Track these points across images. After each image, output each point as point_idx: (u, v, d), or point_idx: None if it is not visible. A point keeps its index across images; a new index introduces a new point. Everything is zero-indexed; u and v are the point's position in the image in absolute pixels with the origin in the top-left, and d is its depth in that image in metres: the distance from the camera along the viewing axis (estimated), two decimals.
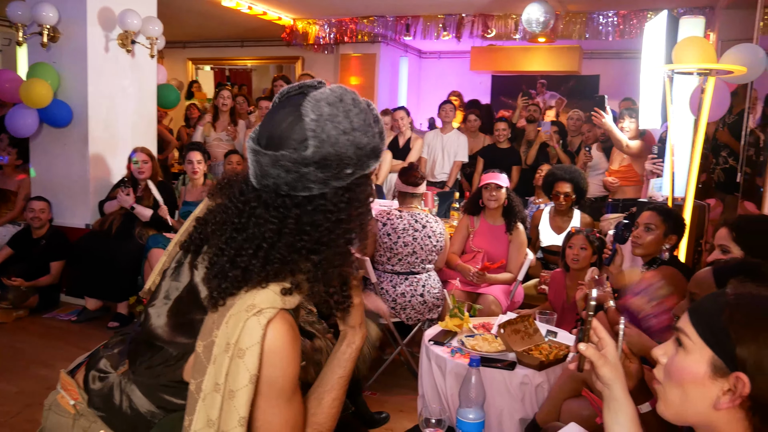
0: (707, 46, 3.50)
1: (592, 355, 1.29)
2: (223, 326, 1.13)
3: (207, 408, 1.12)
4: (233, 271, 1.16)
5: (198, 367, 1.16)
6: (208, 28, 8.74)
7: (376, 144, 1.17)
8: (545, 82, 8.96)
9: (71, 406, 1.33)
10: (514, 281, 3.86)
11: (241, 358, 1.11)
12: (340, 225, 1.19)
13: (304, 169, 1.12)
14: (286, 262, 1.17)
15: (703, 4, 6.34)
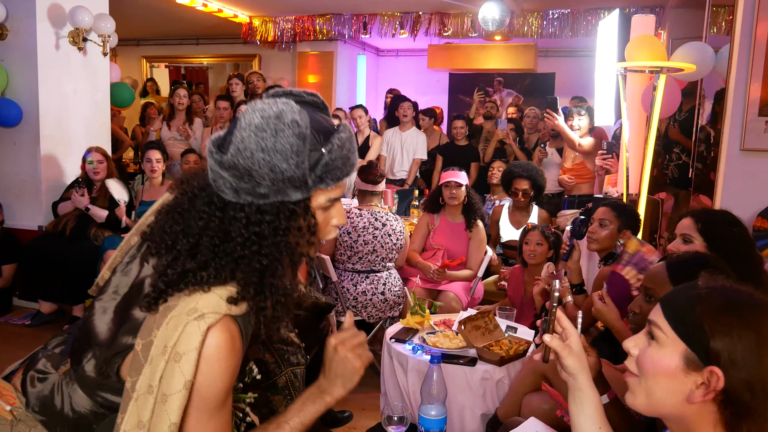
0: (658, 44, 3.59)
1: (557, 346, 1.29)
2: (163, 327, 1.10)
3: (139, 409, 1.09)
4: (170, 268, 1.14)
5: (135, 365, 1.12)
6: (163, 25, 8.58)
7: (296, 175, 1.12)
8: (502, 80, 9.07)
9: (7, 411, 1.25)
10: (474, 278, 3.90)
11: (177, 363, 1.08)
12: (258, 246, 1.14)
13: (221, 172, 1.12)
14: (219, 265, 1.13)
15: (653, 3, 6.50)
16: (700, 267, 1.68)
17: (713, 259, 1.72)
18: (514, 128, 6.48)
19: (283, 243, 1.16)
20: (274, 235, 1.15)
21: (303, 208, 1.17)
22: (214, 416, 1.15)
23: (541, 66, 9.02)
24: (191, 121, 5.99)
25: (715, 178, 3.27)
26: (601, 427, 1.30)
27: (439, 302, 3.45)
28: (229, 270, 1.14)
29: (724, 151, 3.17)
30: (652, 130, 3.53)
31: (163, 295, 1.14)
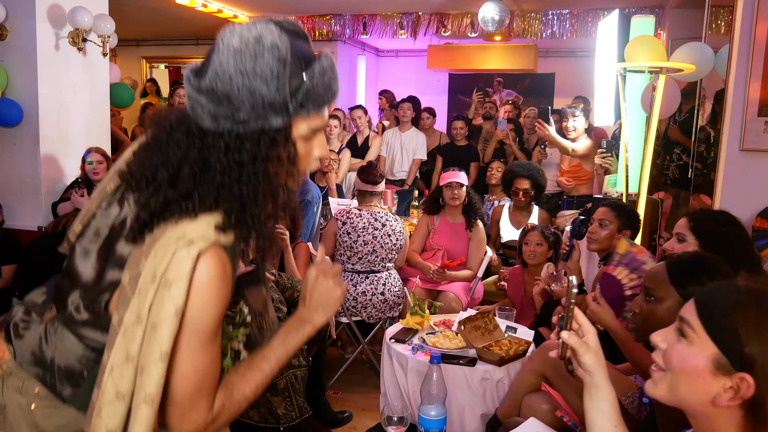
0: (658, 44, 3.59)
1: (574, 342, 1.27)
2: (151, 256, 1.07)
3: (127, 342, 1.06)
4: (152, 198, 1.11)
5: (122, 299, 1.09)
6: (162, 26, 8.58)
7: (277, 100, 1.09)
8: (502, 81, 9.07)
9: None
10: (474, 278, 3.90)
11: (168, 290, 1.05)
12: (238, 173, 1.11)
13: (199, 98, 1.10)
14: (201, 194, 1.10)
15: (653, 3, 6.50)
16: (700, 267, 1.68)
17: (713, 260, 1.72)
18: (514, 128, 6.49)
19: (263, 172, 1.13)
20: (253, 163, 1.12)
21: (284, 136, 1.14)
22: (205, 348, 1.12)
23: (541, 66, 9.02)
24: None
25: (715, 178, 3.27)
26: (617, 425, 1.28)
27: (439, 302, 3.45)
28: (212, 198, 1.10)
29: (723, 151, 3.17)
30: (652, 131, 3.53)
31: (148, 225, 1.11)
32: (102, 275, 1.18)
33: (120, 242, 1.17)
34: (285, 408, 2.40)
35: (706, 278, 1.64)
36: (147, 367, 1.05)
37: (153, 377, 1.05)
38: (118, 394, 1.06)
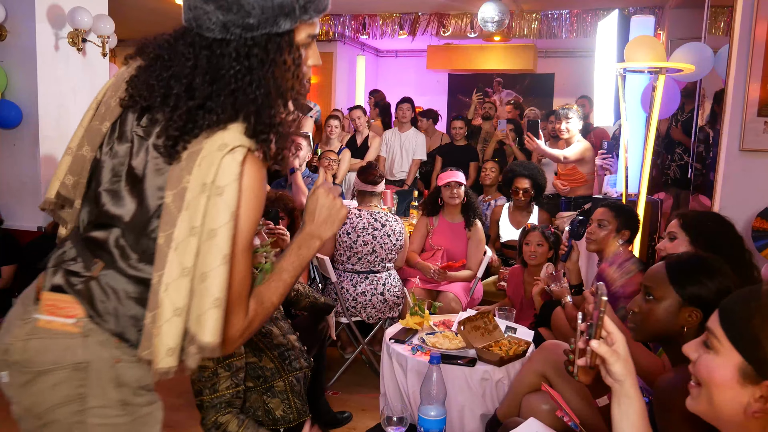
0: (657, 45, 3.60)
1: (605, 352, 1.24)
2: (196, 169, 1.10)
3: (180, 256, 1.09)
4: (176, 113, 1.14)
5: (167, 218, 1.11)
6: (162, 26, 8.45)
7: (285, 2, 1.13)
8: (501, 81, 9.08)
9: (71, 325, 1.19)
10: (474, 278, 3.90)
11: (220, 196, 1.08)
12: (249, 77, 1.15)
13: (206, 6, 1.12)
14: (220, 103, 1.14)
15: (653, 3, 6.51)
16: (699, 267, 1.68)
17: (713, 260, 1.72)
18: (514, 128, 6.49)
19: (272, 76, 1.17)
20: (262, 67, 1.16)
21: (288, 41, 1.19)
22: (245, 254, 1.16)
23: (540, 66, 9.03)
24: None
25: (715, 179, 3.28)
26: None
27: (439, 303, 3.45)
28: (231, 105, 1.14)
29: (723, 151, 3.17)
30: (652, 131, 3.53)
31: (180, 141, 1.14)
32: (144, 205, 1.19)
33: (149, 170, 1.18)
34: (283, 411, 2.40)
35: (705, 278, 1.64)
36: (209, 272, 1.08)
37: (218, 281, 1.08)
38: (176, 310, 1.09)
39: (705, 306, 1.63)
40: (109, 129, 1.25)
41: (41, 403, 1.19)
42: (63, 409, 1.18)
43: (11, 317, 1.29)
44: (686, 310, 1.64)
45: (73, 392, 1.18)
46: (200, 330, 1.09)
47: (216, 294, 1.08)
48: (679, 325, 1.64)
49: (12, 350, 1.21)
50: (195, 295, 1.09)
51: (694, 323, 1.64)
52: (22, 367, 1.20)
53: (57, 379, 1.18)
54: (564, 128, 4.65)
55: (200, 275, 1.09)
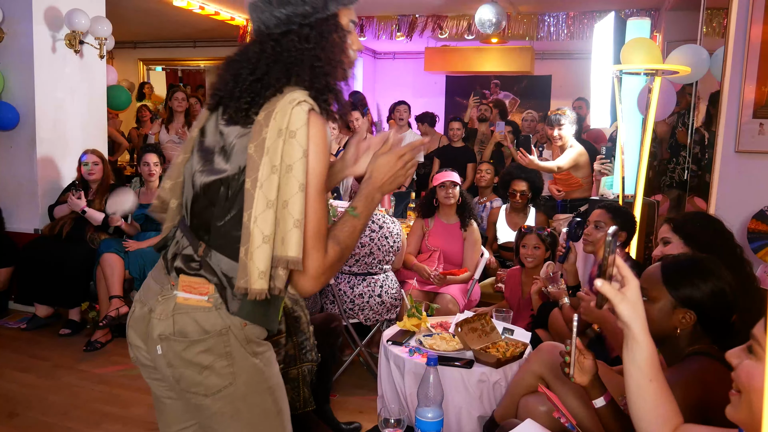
0: (653, 47, 3.61)
1: (608, 291, 1.26)
2: (272, 121, 1.34)
3: (265, 192, 1.32)
4: (246, 87, 1.42)
5: (252, 165, 1.34)
6: (159, 28, 8.57)
7: None
8: (499, 82, 9.09)
9: (205, 300, 1.44)
10: (471, 280, 3.90)
11: (294, 138, 1.32)
12: (308, 54, 1.42)
13: (270, 7, 1.41)
14: (286, 71, 1.41)
15: (649, 6, 6.53)
16: (693, 269, 1.69)
17: (708, 261, 1.72)
18: (512, 130, 6.51)
19: (324, 50, 1.44)
20: (319, 43, 1.44)
21: (334, 23, 1.47)
22: (319, 196, 1.38)
23: (537, 68, 9.03)
24: (190, 124, 5.99)
25: (710, 180, 3.28)
26: (653, 380, 1.28)
27: (436, 304, 3.46)
28: (295, 73, 1.41)
29: (719, 153, 3.18)
30: (648, 132, 3.54)
31: (254, 106, 1.39)
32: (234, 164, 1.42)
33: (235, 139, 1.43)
34: (291, 396, 2.40)
35: (698, 280, 1.65)
36: (290, 200, 1.32)
37: (297, 205, 1.32)
38: (264, 237, 1.33)
39: (698, 308, 1.64)
40: (197, 133, 1.56)
41: (198, 363, 1.45)
42: (217, 364, 1.45)
43: (147, 292, 1.54)
44: (680, 312, 1.64)
45: (222, 352, 1.45)
46: (285, 248, 1.33)
47: (296, 216, 1.32)
48: (672, 326, 1.65)
49: (159, 326, 1.46)
50: (279, 223, 1.33)
51: (687, 325, 1.65)
52: (176, 337, 1.44)
53: (208, 345, 1.44)
54: (557, 135, 4.64)
55: (282, 203, 1.32)
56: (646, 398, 1.29)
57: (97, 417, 3.16)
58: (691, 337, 1.66)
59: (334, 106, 1.50)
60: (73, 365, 3.81)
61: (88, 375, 3.66)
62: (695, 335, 1.66)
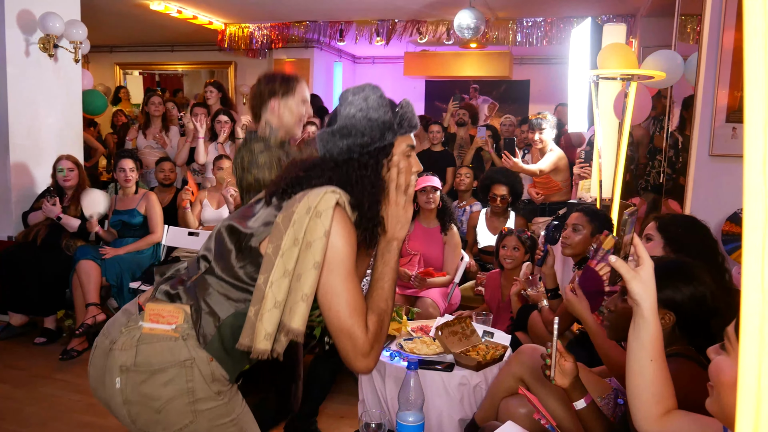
0: (629, 52, 3.65)
1: (621, 266, 1.28)
2: (304, 200, 1.44)
3: (285, 261, 1.41)
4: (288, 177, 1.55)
5: (276, 234, 1.44)
6: (136, 32, 8.50)
7: (387, 119, 1.53)
8: (478, 87, 9.14)
9: (171, 330, 1.46)
10: (451, 283, 3.91)
11: (319, 218, 1.42)
12: (367, 182, 1.52)
13: (333, 139, 1.52)
14: (339, 183, 1.52)
15: (624, 12, 6.62)
16: (675, 271, 1.71)
17: (691, 265, 1.74)
18: (492, 134, 6.55)
19: (377, 173, 1.54)
20: (375, 169, 1.54)
21: (387, 152, 1.56)
22: (351, 277, 1.46)
23: (516, 73, 9.11)
24: (167, 128, 5.94)
25: (685, 184, 3.33)
26: (654, 359, 1.30)
27: (417, 308, 3.46)
28: (350, 193, 1.51)
29: (693, 157, 3.23)
30: (624, 136, 3.58)
31: (296, 188, 1.50)
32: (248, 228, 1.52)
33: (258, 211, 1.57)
34: None
35: (680, 283, 1.67)
36: (304, 274, 1.40)
37: (309, 281, 1.40)
38: (276, 302, 1.40)
39: (678, 310, 1.66)
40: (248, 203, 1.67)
41: (158, 398, 1.45)
42: (178, 401, 1.45)
43: (112, 325, 1.56)
44: (660, 312, 1.66)
45: (184, 387, 1.45)
46: (291, 318, 1.41)
47: (306, 291, 1.40)
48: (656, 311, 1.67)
49: (120, 356, 1.47)
50: (290, 292, 1.41)
51: (666, 326, 1.67)
52: (137, 368, 1.45)
53: (170, 376, 1.45)
54: (537, 139, 4.79)
55: (296, 275, 1.41)
56: (645, 375, 1.31)
57: (76, 427, 3.11)
58: (669, 338, 1.68)
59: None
60: (49, 375, 3.75)
61: (65, 384, 3.60)
62: (673, 336, 1.69)
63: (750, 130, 0.49)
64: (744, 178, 0.50)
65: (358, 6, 6.99)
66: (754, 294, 0.50)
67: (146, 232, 4.52)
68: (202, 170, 5.44)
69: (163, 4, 6.83)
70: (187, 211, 4.67)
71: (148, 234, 4.52)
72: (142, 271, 4.38)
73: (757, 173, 0.49)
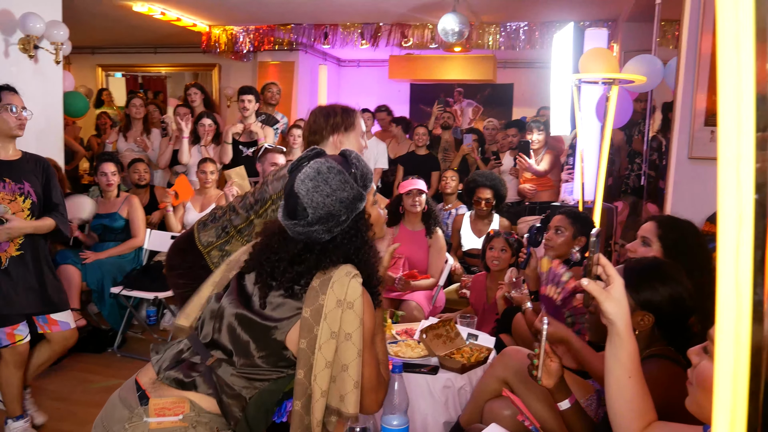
0: (610, 56, 3.69)
1: (593, 289, 1.29)
2: (330, 291, 1.49)
3: (324, 354, 1.47)
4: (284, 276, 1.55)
5: (305, 328, 1.49)
6: (119, 33, 8.43)
7: (357, 192, 1.55)
8: (462, 91, 9.19)
9: (180, 420, 1.46)
10: (436, 286, 3.92)
11: (351, 309, 1.49)
12: (352, 246, 1.59)
13: (311, 229, 1.53)
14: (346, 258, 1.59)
15: (606, 17, 6.68)
16: (654, 273, 1.73)
17: (669, 266, 1.76)
18: (477, 138, 6.60)
19: (362, 234, 1.61)
20: (357, 233, 1.60)
21: (362, 211, 1.61)
22: (370, 347, 1.57)
23: (500, 77, 9.16)
24: (149, 131, 5.89)
25: (665, 186, 3.37)
26: (632, 376, 1.31)
27: (401, 311, 3.46)
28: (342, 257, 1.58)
29: (673, 159, 3.27)
30: (606, 140, 3.62)
31: (306, 278, 1.53)
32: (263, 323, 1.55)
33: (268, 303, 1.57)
34: None
35: (658, 284, 1.68)
36: (349, 364, 1.49)
37: (356, 369, 1.49)
38: (322, 392, 1.48)
39: (656, 311, 1.68)
40: (234, 278, 1.67)
41: None
42: None
43: (110, 418, 1.52)
44: (639, 314, 1.68)
45: None
46: (344, 405, 1.50)
47: (355, 378, 1.49)
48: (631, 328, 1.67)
49: None
50: (336, 381, 1.50)
51: (645, 326, 1.68)
52: None
53: None
54: (535, 139, 5.02)
55: (341, 366, 1.49)
56: (624, 393, 1.32)
57: None
58: (648, 339, 1.70)
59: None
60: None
61: (44, 391, 3.55)
62: (652, 337, 1.70)
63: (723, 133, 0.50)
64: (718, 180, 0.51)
65: (343, 9, 6.99)
66: (728, 293, 0.51)
67: (128, 236, 4.48)
68: (186, 172, 5.41)
69: (146, 5, 6.78)
70: (170, 213, 4.64)
71: (129, 238, 4.48)
72: (124, 275, 4.34)
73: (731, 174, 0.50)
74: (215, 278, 1.75)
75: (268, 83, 6.50)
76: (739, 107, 0.49)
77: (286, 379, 1.57)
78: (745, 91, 0.49)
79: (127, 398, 1.52)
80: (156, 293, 4.20)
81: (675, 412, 1.34)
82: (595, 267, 1.33)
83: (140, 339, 4.58)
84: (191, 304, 1.73)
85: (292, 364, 1.55)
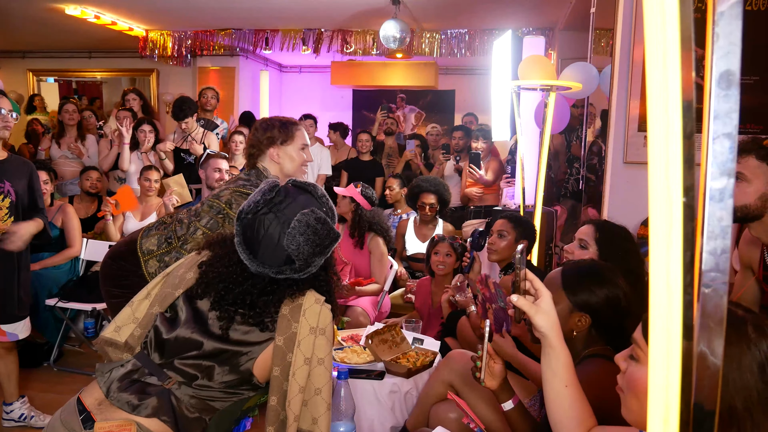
0: (548, 64, 3.79)
1: (523, 304, 1.32)
2: (302, 319, 1.55)
3: (298, 380, 1.51)
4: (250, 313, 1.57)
5: (279, 355, 1.53)
6: (51, 37, 8.12)
7: (336, 235, 1.63)
8: (404, 97, 9.26)
9: None
10: (381, 292, 3.92)
11: (323, 335, 1.55)
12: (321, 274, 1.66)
13: (295, 276, 1.59)
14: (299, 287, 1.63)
15: (543, 25, 6.86)
16: (590, 275, 1.77)
17: (606, 269, 1.80)
18: (420, 144, 6.65)
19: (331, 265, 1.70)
20: (327, 265, 1.68)
21: None
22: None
23: (441, 83, 9.27)
24: (83, 137, 5.70)
25: (602, 190, 3.48)
26: (568, 385, 1.34)
27: (347, 317, 3.45)
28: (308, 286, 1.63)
29: (609, 164, 3.38)
30: (545, 145, 3.71)
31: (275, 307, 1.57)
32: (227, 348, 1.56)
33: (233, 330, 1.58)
34: None
35: (595, 286, 1.73)
36: (322, 387, 1.55)
37: (328, 392, 1.56)
38: (295, 417, 1.52)
39: (593, 312, 1.72)
40: (182, 298, 1.63)
41: None
42: None
43: None
44: (576, 315, 1.72)
45: None
46: (317, 427, 1.55)
47: (328, 401, 1.56)
48: (569, 328, 1.71)
49: None
50: (308, 405, 1.54)
51: (582, 327, 1.72)
52: None
53: None
54: (480, 147, 5.22)
55: (314, 390, 1.54)
56: (563, 403, 1.36)
57: None
58: (586, 340, 1.74)
59: None
60: None
61: None
62: (590, 338, 1.75)
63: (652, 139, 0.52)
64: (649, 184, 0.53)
65: (284, 15, 6.94)
66: (660, 293, 0.52)
67: (63, 246, 4.32)
68: (126, 179, 5.26)
69: (79, 8, 6.55)
70: (109, 222, 4.49)
71: (65, 248, 4.32)
72: (60, 287, 4.18)
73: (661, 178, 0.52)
74: (151, 290, 1.71)
75: (204, 88, 6.41)
76: (667, 114, 0.51)
77: (246, 399, 1.60)
78: (672, 98, 0.51)
79: (69, 421, 1.45)
80: (94, 304, 4.06)
81: (614, 411, 1.37)
82: (523, 282, 1.37)
83: (78, 352, 4.41)
84: (122, 316, 1.67)
85: (255, 388, 1.57)
